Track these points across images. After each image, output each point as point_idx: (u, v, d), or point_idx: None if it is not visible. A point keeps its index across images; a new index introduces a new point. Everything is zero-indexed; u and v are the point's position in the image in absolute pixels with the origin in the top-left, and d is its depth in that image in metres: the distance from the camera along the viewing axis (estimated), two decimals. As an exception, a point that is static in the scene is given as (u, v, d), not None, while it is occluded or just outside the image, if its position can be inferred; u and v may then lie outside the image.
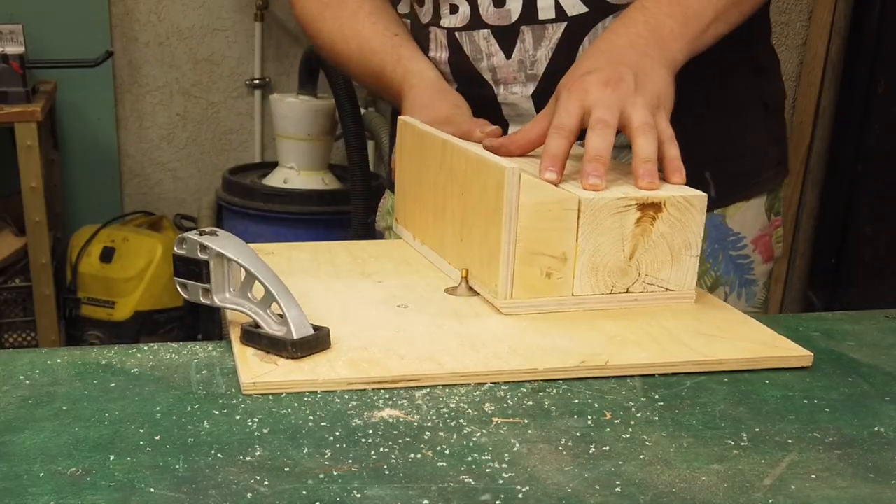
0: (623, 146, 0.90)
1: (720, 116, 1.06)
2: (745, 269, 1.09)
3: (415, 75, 1.03)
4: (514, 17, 0.98)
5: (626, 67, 0.84)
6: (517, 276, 0.77)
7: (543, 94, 0.97)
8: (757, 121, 1.09)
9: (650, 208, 0.78)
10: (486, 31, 1.00)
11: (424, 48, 1.06)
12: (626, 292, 0.79)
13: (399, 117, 0.99)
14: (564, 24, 0.97)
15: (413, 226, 0.97)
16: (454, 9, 1.01)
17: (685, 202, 0.79)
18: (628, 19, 0.91)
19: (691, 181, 0.82)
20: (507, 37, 0.99)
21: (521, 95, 1.01)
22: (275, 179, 2.50)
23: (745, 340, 0.75)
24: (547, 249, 0.77)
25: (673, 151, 0.83)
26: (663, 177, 0.82)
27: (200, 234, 0.72)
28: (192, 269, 0.72)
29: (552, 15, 0.97)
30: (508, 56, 0.99)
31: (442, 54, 1.04)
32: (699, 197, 0.79)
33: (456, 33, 1.02)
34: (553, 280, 0.78)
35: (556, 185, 0.79)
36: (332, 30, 1.09)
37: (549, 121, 0.84)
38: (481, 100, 1.01)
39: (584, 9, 0.96)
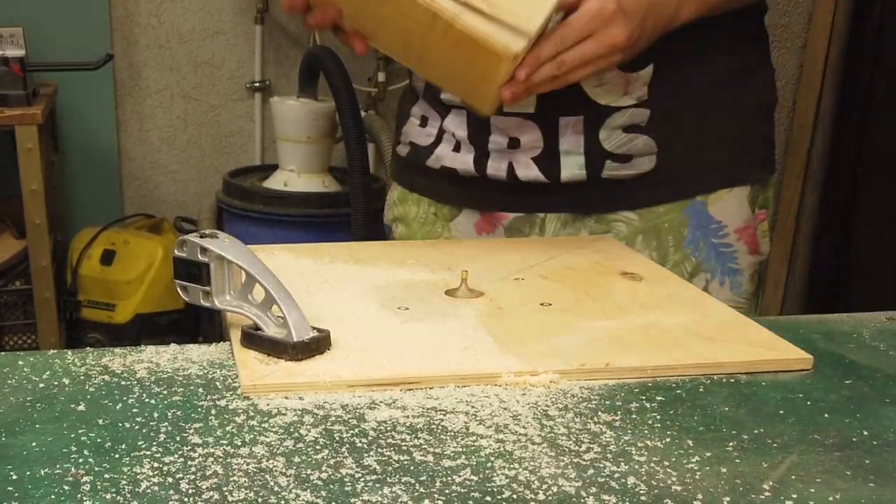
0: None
1: (709, 103, 1.07)
2: (729, 258, 1.09)
3: None
4: None
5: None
6: None
7: None
8: (745, 117, 1.10)
9: None
10: None
11: None
12: None
13: None
14: None
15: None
16: None
17: None
18: None
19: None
20: None
21: None
22: (275, 182, 2.50)
23: (746, 343, 0.75)
24: None
25: (576, 53, 0.88)
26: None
27: (201, 237, 0.72)
28: (193, 271, 0.73)
29: None
30: None
31: None
32: None
33: None
34: None
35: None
36: None
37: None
38: None
39: None
